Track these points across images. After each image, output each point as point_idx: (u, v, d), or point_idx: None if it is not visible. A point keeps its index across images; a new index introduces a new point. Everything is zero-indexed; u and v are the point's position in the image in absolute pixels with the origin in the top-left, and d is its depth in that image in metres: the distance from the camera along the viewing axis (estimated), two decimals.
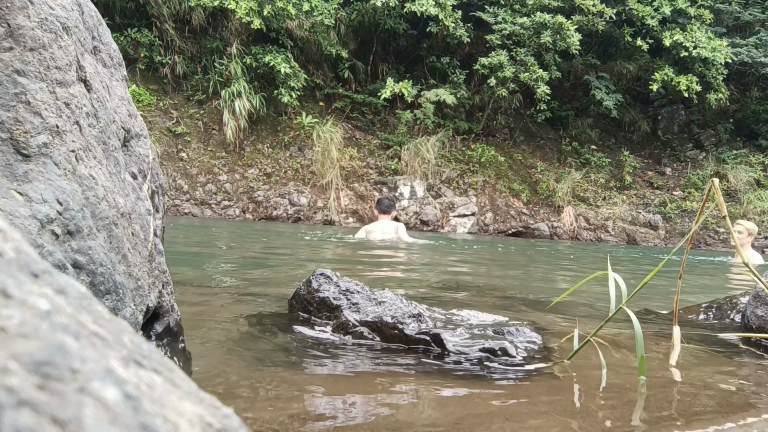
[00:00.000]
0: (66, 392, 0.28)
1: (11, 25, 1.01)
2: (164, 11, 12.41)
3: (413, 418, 1.31)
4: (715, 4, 14.21)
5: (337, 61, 13.66)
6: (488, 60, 12.59)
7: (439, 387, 1.55)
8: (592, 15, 12.89)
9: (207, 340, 1.94)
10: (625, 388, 1.61)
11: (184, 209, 11.51)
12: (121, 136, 1.36)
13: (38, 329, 0.30)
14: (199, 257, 4.78)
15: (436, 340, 1.88)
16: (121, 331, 0.37)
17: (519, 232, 12.61)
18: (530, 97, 13.69)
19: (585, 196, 13.48)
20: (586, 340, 1.75)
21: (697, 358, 2.07)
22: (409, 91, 12.12)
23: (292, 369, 1.67)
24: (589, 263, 6.82)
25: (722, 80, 13.18)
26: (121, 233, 1.19)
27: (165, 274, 1.49)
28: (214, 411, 0.37)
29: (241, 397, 1.40)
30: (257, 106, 12.39)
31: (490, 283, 4.36)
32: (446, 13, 12.18)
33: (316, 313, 2.08)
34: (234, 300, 2.77)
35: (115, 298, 1.14)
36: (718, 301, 3.00)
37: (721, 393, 1.64)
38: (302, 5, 11.99)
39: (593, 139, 14.93)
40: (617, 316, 1.87)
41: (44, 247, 0.97)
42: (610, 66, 14.44)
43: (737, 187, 13.44)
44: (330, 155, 12.19)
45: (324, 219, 11.84)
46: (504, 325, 2.05)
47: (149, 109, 12.32)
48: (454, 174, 13.11)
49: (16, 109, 1.00)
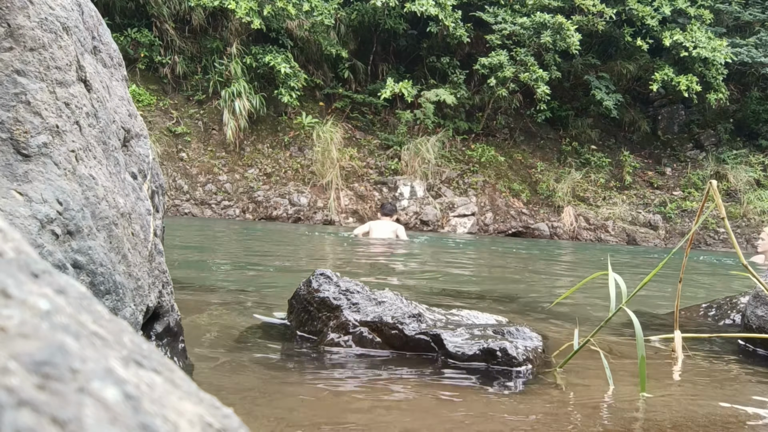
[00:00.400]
0: (66, 392, 0.28)
1: (11, 25, 1.01)
2: (164, 11, 12.41)
3: (413, 418, 1.31)
4: (715, 4, 14.21)
5: (337, 61, 13.66)
6: (488, 60, 12.58)
7: (439, 387, 1.55)
8: (592, 15, 12.89)
9: (207, 340, 1.94)
10: (626, 391, 1.61)
11: (184, 209, 11.51)
12: (121, 136, 1.36)
13: (38, 329, 0.30)
14: (199, 257, 4.78)
15: (436, 341, 1.88)
16: (121, 331, 0.37)
17: (519, 232, 12.61)
18: (530, 97, 13.68)
19: (585, 196, 13.48)
20: (585, 341, 1.75)
21: (697, 361, 2.07)
22: (409, 91, 12.12)
23: (292, 369, 1.67)
24: (590, 263, 6.82)
25: (722, 80, 13.17)
26: (121, 233, 1.19)
27: (165, 274, 1.49)
28: (214, 411, 0.37)
29: (241, 396, 1.40)
30: (257, 106, 12.38)
31: (490, 283, 4.36)
32: (446, 13, 12.18)
33: (316, 312, 2.07)
34: (234, 300, 2.77)
35: (115, 298, 1.14)
36: (718, 301, 3.00)
37: (720, 406, 1.63)
38: (302, 5, 11.99)
39: (593, 139, 14.93)
40: (618, 316, 1.87)
41: (44, 247, 0.97)
42: (610, 66, 14.44)
43: (737, 187, 13.43)
44: (330, 155, 12.19)
45: (324, 219, 11.84)
46: (504, 325, 2.05)
47: (149, 109, 12.32)
48: (454, 174, 13.11)
49: (16, 109, 1.00)
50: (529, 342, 1.87)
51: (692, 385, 1.71)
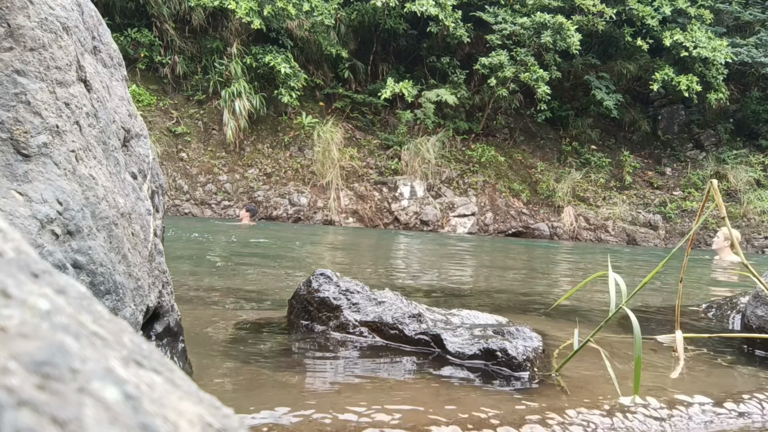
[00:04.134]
0: (66, 392, 0.28)
1: (11, 25, 1.01)
2: (164, 11, 12.41)
3: (412, 415, 1.31)
4: (715, 4, 14.21)
5: (337, 61, 13.66)
6: (488, 60, 12.58)
7: (438, 388, 1.55)
8: (592, 15, 12.89)
9: (207, 340, 1.94)
10: (626, 391, 1.61)
11: (184, 209, 11.51)
12: (121, 136, 1.36)
13: (38, 329, 0.30)
14: (199, 257, 4.78)
15: (436, 341, 1.88)
16: (121, 331, 0.37)
17: (519, 232, 12.61)
18: (530, 97, 13.68)
19: (585, 196, 13.47)
20: (585, 341, 1.75)
21: (697, 361, 2.07)
22: (409, 91, 12.12)
23: (292, 369, 1.67)
24: (590, 263, 6.82)
25: (722, 80, 13.17)
26: (121, 233, 1.19)
27: (165, 274, 1.49)
28: (214, 411, 0.37)
29: (241, 396, 1.40)
30: (257, 106, 12.38)
31: (490, 283, 4.36)
32: (446, 13, 12.18)
33: (316, 313, 2.07)
34: (234, 300, 2.78)
35: (115, 298, 1.14)
36: (718, 301, 3.00)
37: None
38: (302, 5, 11.99)
39: (593, 139, 14.93)
40: (618, 315, 1.87)
41: (44, 247, 0.97)
42: (610, 66, 14.44)
43: (737, 187, 13.43)
44: (330, 155, 12.19)
45: (324, 219, 11.84)
46: (504, 325, 2.05)
47: (149, 109, 12.32)
48: (454, 174, 13.11)
49: (16, 109, 1.00)
50: (529, 342, 1.87)
51: (692, 385, 1.71)
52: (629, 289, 1.70)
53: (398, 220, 12.13)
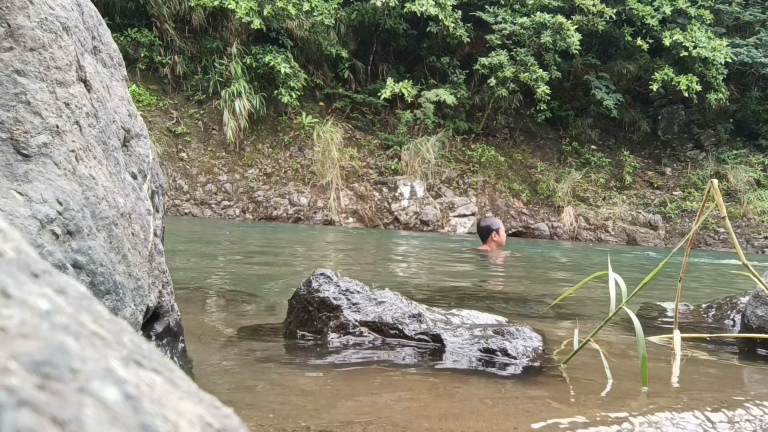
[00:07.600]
0: (66, 392, 0.28)
1: (11, 25, 1.01)
2: (164, 11, 12.41)
3: (411, 413, 1.31)
4: (715, 4, 14.20)
5: (337, 61, 13.66)
6: (488, 60, 12.58)
7: (438, 388, 1.55)
8: (592, 15, 12.88)
9: (207, 340, 1.94)
10: (626, 395, 1.61)
11: (184, 209, 11.51)
12: (121, 136, 1.36)
13: (38, 329, 0.30)
14: (199, 257, 4.78)
15: (437, 341, 1.88)
16: (121, 331, 0.37)
17: (519, 232, 12.61)
18: (530, 97, 13.68)
19: (585, 196, 13.47)
20: (585, 341, 1.75)
21: (697, 361, 2.07)
22: (409, 91, 12.12)
23: (292, 369, 1.67)
24: (590, 263, 6.82)
25: (722, 80, 13.17)
26: (121, 233, 1.19)
27: (165, 274, 1.49)
28: (214, 411, 0.37)
29: (240, 396, 1.40)
30: (257, 106, 12.38)
31: (490, 283, 4.36)
32: (446, 13, 12.18)
33: (316, 313, 2.07)
34: (234, 300, 2.78)
35: (115, 298, 1.14)
36: (718, 301, 3.00)
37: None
38: (302, 5, 11.99)
39: (593, 139, 14.93)
40: (619, 316, 1.87)
41: (44, 247, 0.97)
42: (610, 66, 14.44)
43: (737, 187, 13.42)
44: (330, 155, 12.18)
45: (324, 219, 11.83)
46: (504, 325, 2.05)
47: (149, 109, 12.32)
48: (454, 174, 13.11)
49: (16, 109, 1.00)
50: (529, 342, 1.87)
51: (691, 385, 1.71)
52: (629, 289, 1.70)
53: (398, 220, 12.13)
